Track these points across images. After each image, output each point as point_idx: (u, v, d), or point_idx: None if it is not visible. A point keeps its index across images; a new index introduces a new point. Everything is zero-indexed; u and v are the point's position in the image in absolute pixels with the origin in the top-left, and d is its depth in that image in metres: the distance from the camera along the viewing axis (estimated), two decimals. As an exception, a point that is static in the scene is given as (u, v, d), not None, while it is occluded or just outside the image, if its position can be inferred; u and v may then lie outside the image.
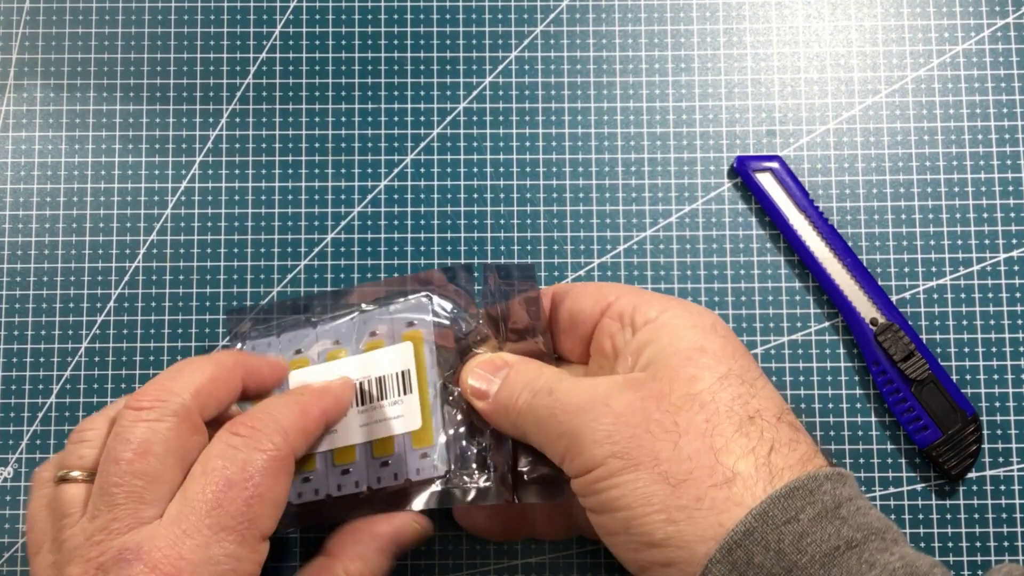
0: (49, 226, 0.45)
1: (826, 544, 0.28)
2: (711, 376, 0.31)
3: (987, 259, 0.44)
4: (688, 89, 0.46)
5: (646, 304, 0.34)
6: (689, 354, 0.31)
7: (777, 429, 0.30)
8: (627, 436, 0.30)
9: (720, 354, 0.31)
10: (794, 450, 0.30)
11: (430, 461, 0.36)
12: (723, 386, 0.30)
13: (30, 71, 0.46)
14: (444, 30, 0.46)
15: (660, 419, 0.30)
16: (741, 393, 0.30)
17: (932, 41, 0.46)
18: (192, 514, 0.30)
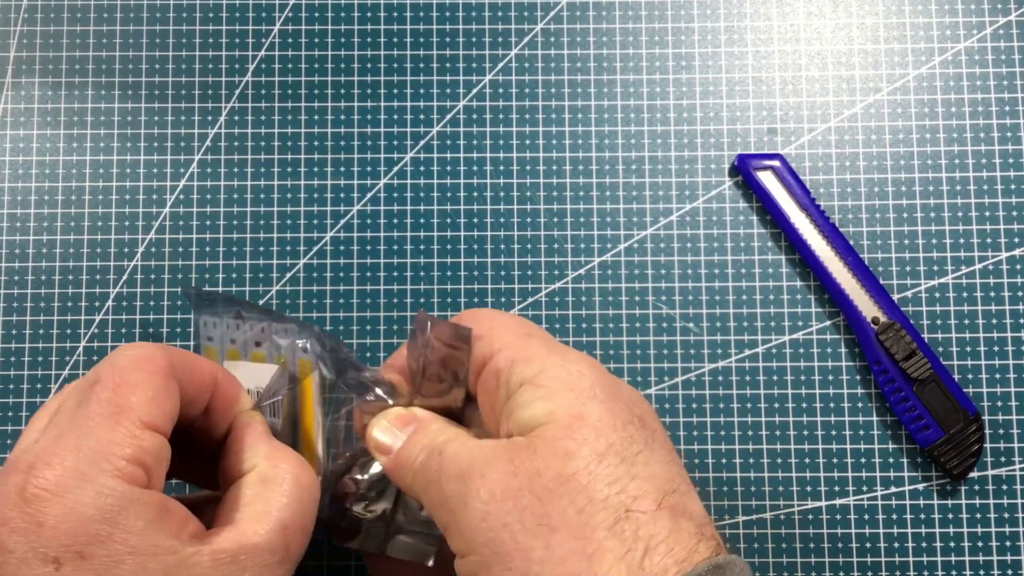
0: (47, 225, 0.45)
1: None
2: (588, 452, 0.27)
3: (989, 258, 0.44)
4: (689, 87, 0.45)
5: (523, 361, 0.31)
6: (567, 423, 0.28)
7: (655, 521, 0.27)
8: (500, 524, 0.27)
9: (600, 424, 0.28)
10: (672, 546, 0.26)
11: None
12: (600, 466, 0.27)
13: (28, 69, 0.46)
14: (444, 27, 0.46)
15: (531, 507, 0.27)
16: (619, 476, 0.27)
17: (934, 39, 0.45)
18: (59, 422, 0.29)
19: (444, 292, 0.44)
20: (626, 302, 0.44)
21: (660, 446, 0.29)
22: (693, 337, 0.44)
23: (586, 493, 0.27)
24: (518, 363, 0.31)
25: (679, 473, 0.29)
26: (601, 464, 0.27)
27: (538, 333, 0.32)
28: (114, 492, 0.27)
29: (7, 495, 0.26)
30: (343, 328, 0.44)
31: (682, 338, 0.44)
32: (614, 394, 0.30)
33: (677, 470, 0.29)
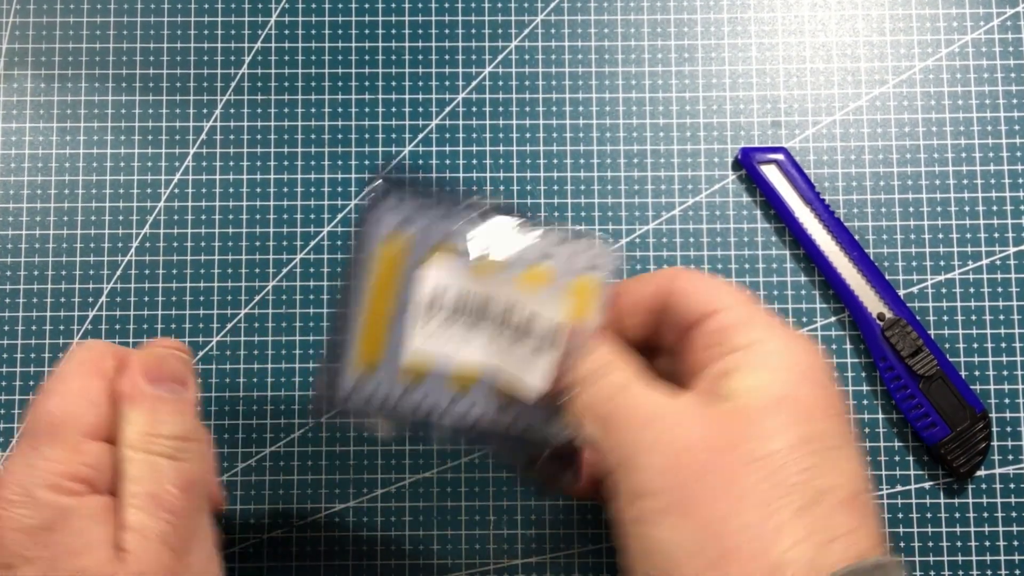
0: (40, 219, 0.44)
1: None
2: (789, 437, 0.27)
3: (997, 253, 0.43)
4: (692, 79, 0.45)
5: (748, 325, 0.30)
6: (774, 403, 0.28)
7: (841, 515, 0.27)
8: (683, 479, 0.27)
9: (806, 410, 0.28)
10: (854, 543, 0.27)
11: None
12: (799, 453, 0.27)
13: (20, 61, 0.45)
14: (443, 19, 0.45)
15: (722, 472, 0.27)
16: (816, 464, 0.27)
17: (940, 30, 0.45)
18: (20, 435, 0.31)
19: (443, 288, 0.43)
20: (628, 298, 0.43)
21: (854, 445, 0.29)
22: (696, 333, 0.43)
23: (781, 474, 0.27)
24: (739, 327, 0.30)
25: (867, 477, 0.29)
26: (800, 450, 0.27)
27: (759, 304, 0.32)
28: (55, 504, 0.29)
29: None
30: (340, 324, 0.43)
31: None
32: (826, 383, 0.29)
33: (865, 472, 0.29)
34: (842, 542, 0.26)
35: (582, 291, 0.33)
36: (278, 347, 0.43)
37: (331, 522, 0.42)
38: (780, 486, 0.27)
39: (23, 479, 0.30)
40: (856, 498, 0.27)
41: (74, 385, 0.31)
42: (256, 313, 0.43)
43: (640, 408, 0.29)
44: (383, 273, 0.33)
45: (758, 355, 0.29)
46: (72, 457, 0.30)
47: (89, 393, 0.31)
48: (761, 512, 0.26)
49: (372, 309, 0.33)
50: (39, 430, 0.31)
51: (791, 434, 0.27)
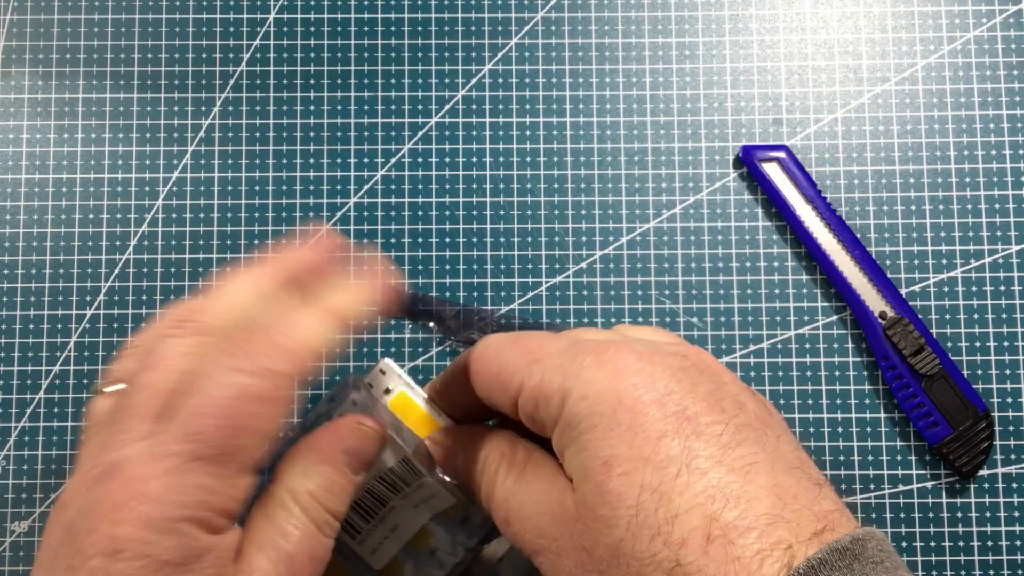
0: (37, 217, 0.44)
1: None
2: (625, 512, 0.25)
3: (999, 251, 0.43)
4: (693, 77, 0.44)
5: (544, 396, 0.28)
6: (598, 480, 0.26)
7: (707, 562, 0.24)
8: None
9: (628, 465, 0.25)
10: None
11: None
12: (639, 522, 0.25)
13: (18, 58, 0.45)
14: (442, 16, 0.45)
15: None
16: (660, 524, 0.25)
17: (943, 28, 0.45)
18: (171, 438, 0.26)
19: (443, 286, 0.43)
20: (628, 296, 0.43)
21: (705, 441, 0.26)
22: (697, 332, 0.43)
23: (635, 558, 0.25)
24: (540, 405, 0.28)
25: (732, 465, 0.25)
26: (638, 518, 0.25)
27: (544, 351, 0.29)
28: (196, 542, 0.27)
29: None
30: (339, 323, 0.43)
31: (686, 333, 0.43)
32: (638, 403, 0.26)
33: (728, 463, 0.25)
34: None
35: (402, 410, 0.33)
36: (277, 346, 0.43)
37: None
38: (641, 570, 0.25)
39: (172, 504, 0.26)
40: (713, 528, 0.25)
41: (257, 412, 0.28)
42: (255, 312, 0.43)
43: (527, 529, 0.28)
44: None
45: (565, 427, 0.27)
46: (229, 491, 0.27)
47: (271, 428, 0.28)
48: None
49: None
50: (204, 452, 0.27)
51: (623, 511, 0.25)
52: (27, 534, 0.42)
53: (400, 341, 0.43)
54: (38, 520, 0.42)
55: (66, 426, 0.42)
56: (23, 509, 0.42)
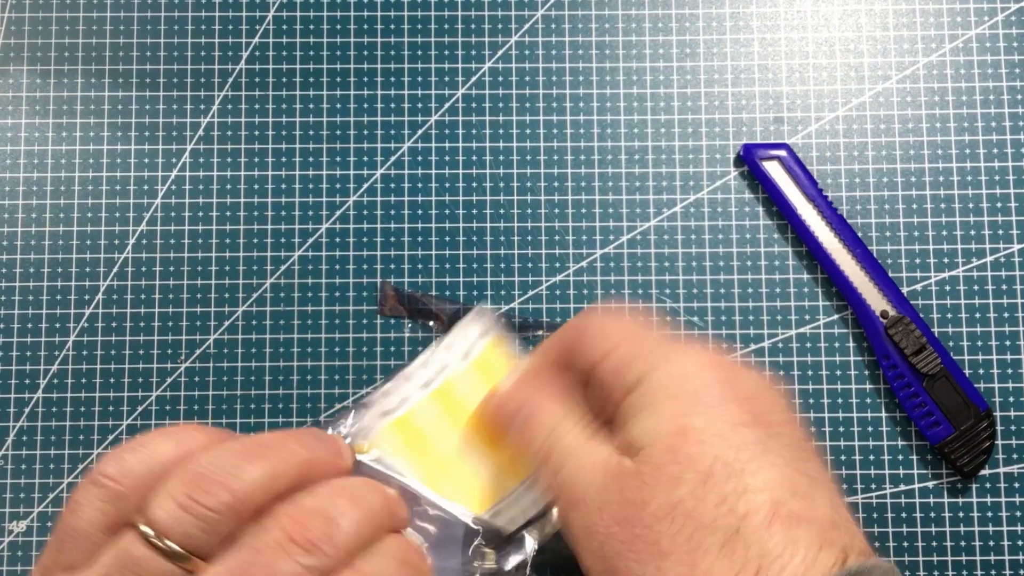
0: (35, 216, 0.44)
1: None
2: (694, 475, 0.26)
3: (1001, 250, 0.43)
4: (693, 75, 0.44)
5: (627, 367, 0.29)
6: (670, 443, 0.27)
7: (767, 538, 0.25)
8: (615, 553, 0.27)
9: (705, 436, 0.27)
10: (787, 563, 0.25)
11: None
12: (708, 487, 0.26)
13: (16, 56, 0.44)
14: (442, 14, 0.45)
15: (643, 535, 0.26)
16: (728, 493, 0.26)
17: (944, 26, 0.44)
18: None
19: (442, 285, 0.43)
20: (629, 295, 0.43)
21: (780, 444, 0.27)
22: (698, 331, 0.43)
23: (693, 519, 0.26)
24: (620, 373, 0.29)
25: (800, 471, 0.27)
26: (707, 485, 0.26)
27: (640, 333, 0.30)
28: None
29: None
30: (338, 322, 0.43)
31: (686, 332, 0.43)
32: (724, 394, 0.28)
33: (797, 469, 0.27)
34: (774, 568, 0.25)
35: (490, 362, 0.34)
36: (276, 345, 0.43)
37: None
38: (697, 531, 0.26)
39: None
40: (780, 509, 0.26)
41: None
42: (254, 311, 0.43)
43: (571, 491, 0.28)
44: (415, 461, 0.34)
45: (646, 393, 0.28)
46: None
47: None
48: (684, 567, 0.25)
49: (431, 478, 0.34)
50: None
51: (695, 471, 0.26)
52: (25, 534, 0.42)
53: (400, 340, 0.43)
54: (36, 520, 0.42)
55: (64, 426, 0.42)
56: (21, 509, 0.42)
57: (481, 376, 0.34)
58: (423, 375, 0.34)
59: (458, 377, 0.34)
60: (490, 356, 0.34)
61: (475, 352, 0.34)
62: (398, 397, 0.34)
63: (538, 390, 0.32)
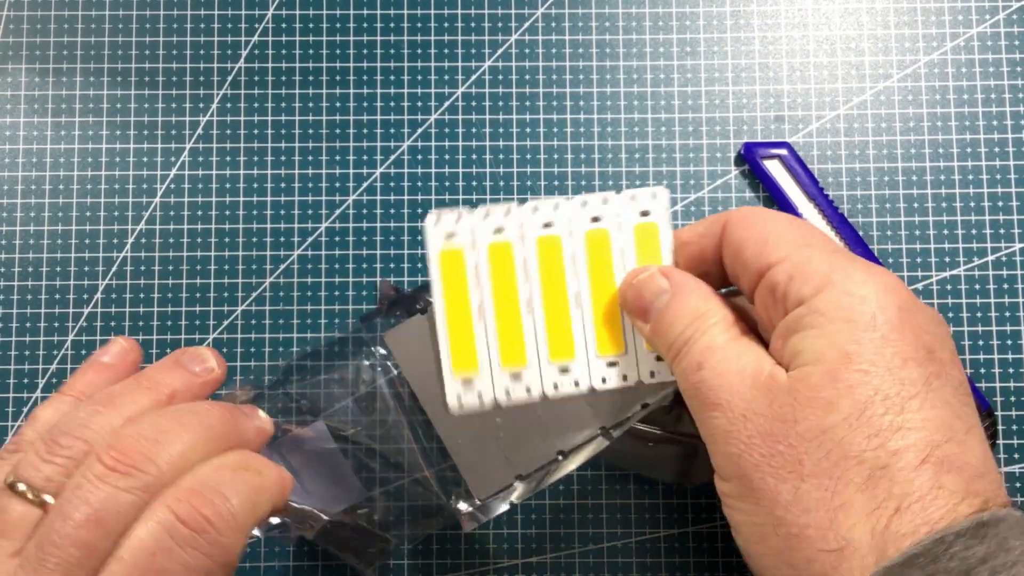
0: (34, 215, 0.43)
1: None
2: (851, 404, 0.26)
3: (1002, 249, 0.43)
4: (694, 73, 0.44)
5: (803, 276, 0.28)
6: (833, 367, 0.26)
7: (914, 478, 0.25)
8: (753, 464, 0.27)
9: (870, 366, 0.26)
10: (928, 506, 0.25)
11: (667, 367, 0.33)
12: (862, 419, 0.26)
13: (15, 55, 0.44)
14: (442, 12, 0.44)
15: (785, 452, 0.26)
16: (882, 428, 0.25)
17: (946, 24, 0.44)
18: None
19: (442, 284, 0.43)
20: (629, 294, 0.43)
21: (943, 384, 0.26)
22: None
23: (842, 447, 0.26)
24: (796, 280, 0.28)
25: (959, 416, 0.26)
26: (863, 416, 0.26)
27: (820, 242, 0.29)
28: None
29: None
30: (337, 321, 0.43)
31: (687, 331, 0.42)
32: (901, 323, 0.27)
33: (956, 413, 0.26)
34: (914, 509, 0.24)
35: (644, 239, 0.33)
36: (275, 344, 0.43)
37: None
38: (843, 460, 0.25)
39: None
40: (933, 453, 0.25)
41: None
42: (253, 310, 0.43)
43: (714, 392, 0.28)
44: (450, 282, 0.33)
45: (812, 312, 0.27)
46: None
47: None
48: (823, 493, 0.25)
49: (452, 316, 0.33)
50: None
51: (851, 402, 0.26)
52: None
53: (399, 339, 0.42)
54: (35, 520, 0.42)
55: (63, 425, 0.42)
56: (20, 509, 0.42)
57: (635, 245, 0.33)
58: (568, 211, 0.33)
59: (600, 234, 0.33)
60: (645, 232, 0.33)
61: (630, 222, 0.33)
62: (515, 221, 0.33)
63: (688, 278, 0.31)
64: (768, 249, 0.29)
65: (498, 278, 0.33)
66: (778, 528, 0.26)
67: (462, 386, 0.34)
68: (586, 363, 0.34)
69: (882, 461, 0.25)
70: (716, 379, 0.28)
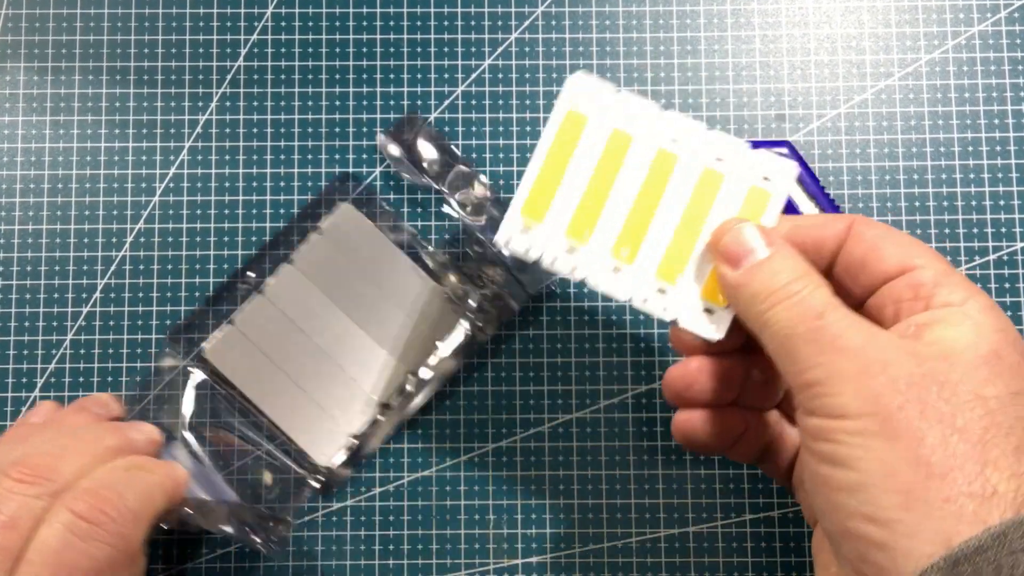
0: (33, 214, 0.43)
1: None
2: (1004, 387, 0.28)
3: (1004, 248, 0.43)
4: (694, 72, 0.44)
5: (952, 284, 0.31)
6: (986, 356, 0.29)
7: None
8: (896, 405, 0.28)
9: (1016, 369, 0.29)
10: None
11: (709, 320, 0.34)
12: (1015, 401, 0.28)
13: (13, 53, 0.44)
14: (441, 11, 0.44)
15: (937, 406, 0.28)
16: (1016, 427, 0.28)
17: (947, 22, 0.44)
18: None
19: (442, 283, 0.43)
20: (630, 294, 0.43)
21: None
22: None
23: (992, 416, 0.28)
24: (941, 285, 0.31)
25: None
26: (1015, 399, 0.28)
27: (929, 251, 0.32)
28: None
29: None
30: (338, 320, 0.42)
31: (687, 331, 0.42)
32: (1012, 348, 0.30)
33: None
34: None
35: (753, 201, 0.34)
36: (275, 344, 0.42)
37: (328, 521, 0.41)
38: (994, 427, 0.27)
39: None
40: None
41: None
42: (252, 309, 0.43)
43: (848, 337, 0.29)
44: (564, 139, 0.34)
45: (961, 313, 0.30)
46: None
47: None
48: (974, 447, 0.27)
49: (547, 166, 0.34)
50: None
51: (1004, 385, 0.28)
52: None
53: (399, 339, 0.42)
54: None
55: (62, 425, 0.42)
56: (19, 508, 0.42)
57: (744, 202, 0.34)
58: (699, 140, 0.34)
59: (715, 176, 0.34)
60: (758, 196, 0.34)
61: (749, 179, 0.34)
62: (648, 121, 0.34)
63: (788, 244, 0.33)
64: (912, 252, 0.32)
65: (606, 160, 0.34)
66: (917, 467, 0.27)
67: (520, 229, 0.34)
68: (639, 276, 0.34)
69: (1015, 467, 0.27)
70: (845, 328, 0.29)
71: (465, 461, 0.42)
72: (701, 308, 0.34)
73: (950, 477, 0.27)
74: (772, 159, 0.34)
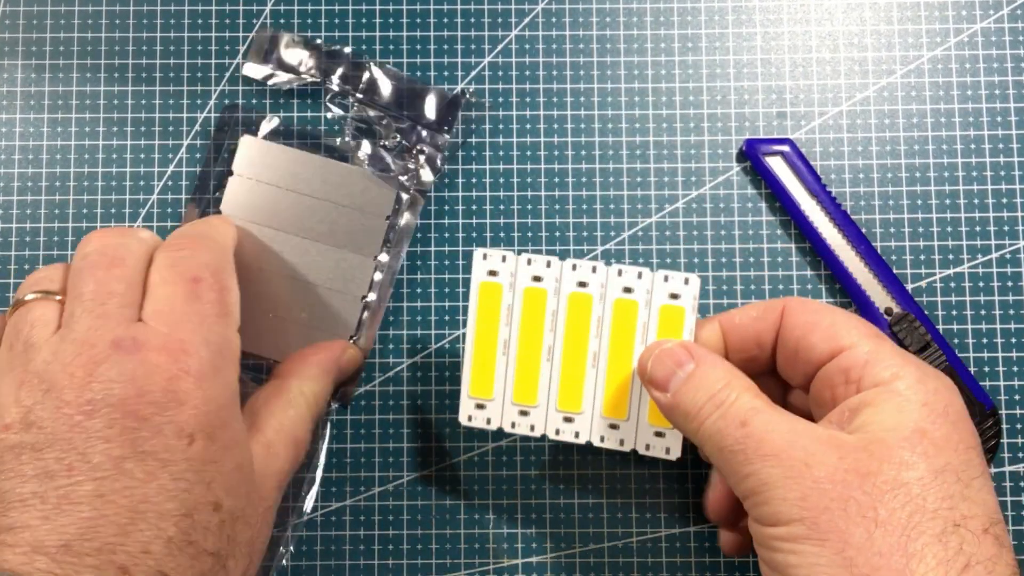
0: (31, 212, 0.43)
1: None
2: (926, 467, 0.29)
3: (1006, 246, 0.42)
4: (695, 69, 0.44)
5: (879, 362, 0.31)
6: (909, 436, 0.29)
7: (980, 543, 0.28)
8: (821, 507, 0.28)
9: (942, 443, 0.29)
10: (992, 568, 0.28)
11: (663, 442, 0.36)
12: (936, 482, 0.29)
13: (11, 51, 0.44)
14: (441, 8, 0.44)
15: (859, 500, 0.28)
16: (952, 494, 0.29)
17: (949, 19, 0.44)
18: (174, 310, 0.32)
19: (441, 282, 0.43)
20: (630, 292, 0.42)
21: (988, 479, 0.30)
22: (699, 328, 0.42)
23: (917, 502, 0.28)
24: (869, 364, 0.31)
25: (999, 510, 0.30)
26: (936, 480, 0.29)
27: (886, 338, 0.33)
28: (234, 385, 0.33)
29: (150, 374, 0.30)
30: (337, 319, 0.42)
31: (688, 329, 0.42)
32: (962, 417, 0.31)
33: (998, 507, 0.30)
34: (980, 569, 0.27)
35: (667, 319, 0.36)
36: (274, 343, 0.42)
37: (328, 520, 0.41)
38: (919, 513, 0.28)
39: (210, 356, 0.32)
40: (992, 528, 0.29)
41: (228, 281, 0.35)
42: (251, 308, 0.42)
43: (770, 442, 0.30)
44: (484, 312, 0.37)
45: (890, 392, 0.30)
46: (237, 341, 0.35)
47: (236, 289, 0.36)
48: (899, 538, 0.27)
49: (479, 343, 0.37)
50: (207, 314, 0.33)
51: (927, 465, 0.29)
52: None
53: (399, 337, 0.42)
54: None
55: (60, 424, 0.42)
56: (17, 508, 0.42)
57: (659, 323, 0.36)
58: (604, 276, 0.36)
59: (628, 304, 0.36)
60: (671, 314, 0.36)
61: (658, 301, 0.36)
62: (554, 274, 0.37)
63: (710, 352, 0.34)
64: (840, 334, 0.32)
65: (527, 321, 0.36)
66: (849, 568, 0.27)
67: (475, 407, 0.37)
68: (590, 419, 0.36)
69: (954, 520, 0.28)
70: (768, 432, 0.30)
71: (465, 461, 0.42)
72: (652, 433, 0.36)
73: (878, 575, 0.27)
74: (674, 276, 0.36)
